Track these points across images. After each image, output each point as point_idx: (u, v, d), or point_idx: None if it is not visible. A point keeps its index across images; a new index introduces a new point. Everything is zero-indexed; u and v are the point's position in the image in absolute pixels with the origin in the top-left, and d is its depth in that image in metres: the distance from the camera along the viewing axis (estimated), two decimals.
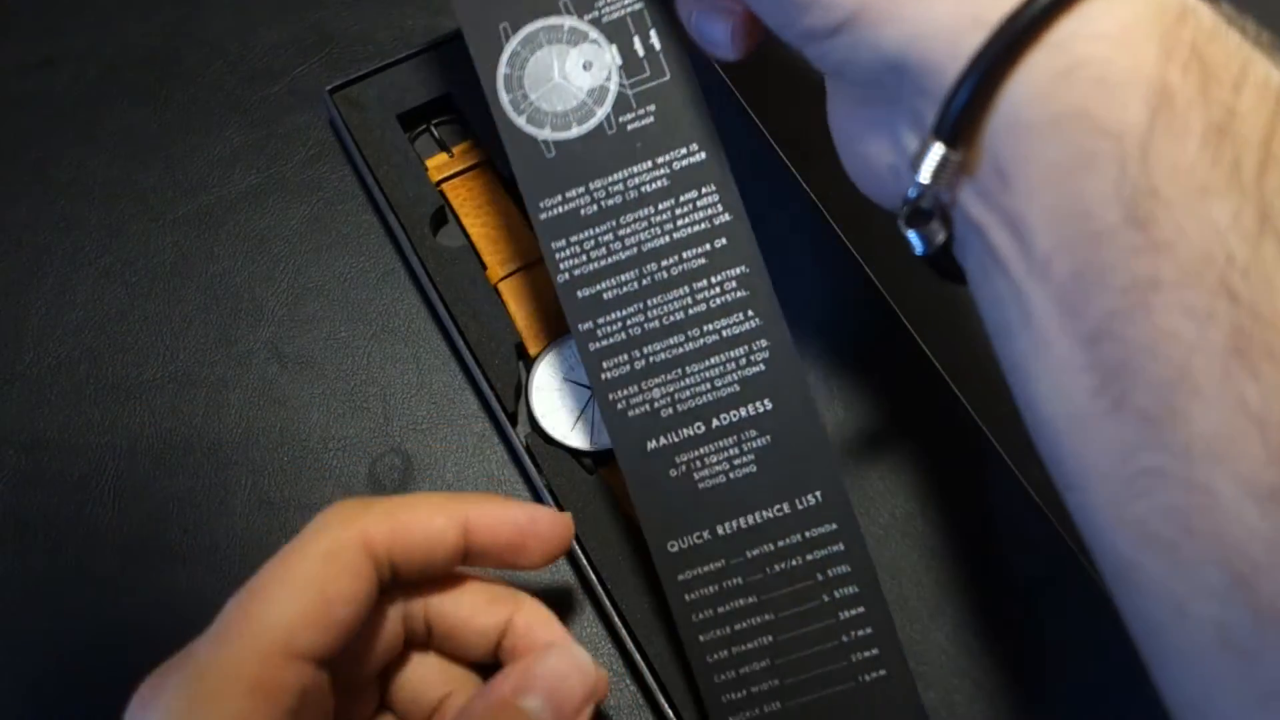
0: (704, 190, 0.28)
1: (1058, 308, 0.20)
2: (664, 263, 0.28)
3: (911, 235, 0.23)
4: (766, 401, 0.28)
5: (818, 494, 0.28)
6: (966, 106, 0.20)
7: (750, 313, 0.28)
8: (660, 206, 0.28)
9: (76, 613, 0.34)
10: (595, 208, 0.29)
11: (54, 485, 0.36)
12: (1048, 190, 0.20)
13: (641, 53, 0.29)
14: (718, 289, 0.28)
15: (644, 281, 0.29)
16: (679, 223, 0.28)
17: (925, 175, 0.22)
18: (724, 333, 0.28)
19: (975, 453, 0.33)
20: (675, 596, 0.29)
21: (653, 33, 0.28)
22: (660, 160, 0.28)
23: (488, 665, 0.29)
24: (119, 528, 0.35)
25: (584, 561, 0.32)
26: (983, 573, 0.32)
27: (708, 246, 0.28)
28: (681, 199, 0.28)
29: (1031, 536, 0.32)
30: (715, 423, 0.29)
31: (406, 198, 0.38)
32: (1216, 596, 0.19)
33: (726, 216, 0.28)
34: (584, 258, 0.29)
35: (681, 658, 0.32)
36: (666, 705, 0.31)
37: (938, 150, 0.21)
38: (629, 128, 0.28)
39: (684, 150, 0.28)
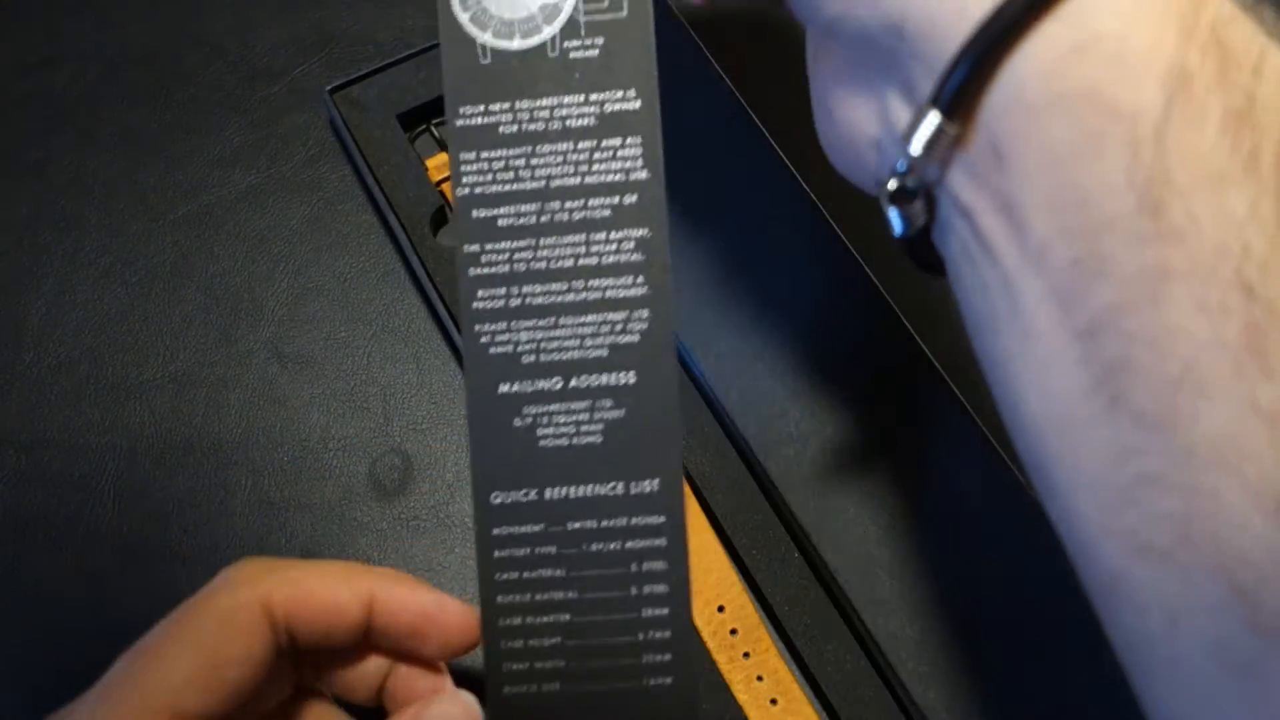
0: (628, 140, 0.27)
1: (1052, 298, 0.19)
2: (569, 204, 0.27)
3: (893, 213, 0.22)
4: (631, 375, 0.27)
5: (655, 482, 0.27)
6: (969, 76, 0.19)
7: (640, 279, 0.27)
8: (581, 145, 0.27)
9: (76, 613, 0.34)
10: (516, 128, 0.27)
11: (54, 485, 0.36)
12: (1049, 173, 0.19)
13: None
14: (614, 246, 0.27)
15: (543, 218, 0.27)
16: (595, 167, 0.27)
17: (917, 147, 0.20)
18: (608, 292, 0.27)
19: (974, 452, 0.33)
20: (483, 550, 0.28)
21: None
22: (594, 97, 0.27)
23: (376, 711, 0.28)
24: (119, 528, 0.35)
25: None
26: (984, 571, 0.32)
27: (617, 199, 0.27)
28: (604, 143, 0.27)
29: (1034, 536, 0.32)
30: (574, 382, 0.27)
31: (406, 198, 0.38)
32: (1214, 611, 0.18)
33: (644, 174, 0.27)
34: (490, 177, 0.27)
35: None
36: None
37: (933, 120, 0.20)
38: (571, 55, 0.27)
39: (620, 93, 0.27)
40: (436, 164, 0.39)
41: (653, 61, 0.27)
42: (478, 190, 0.27)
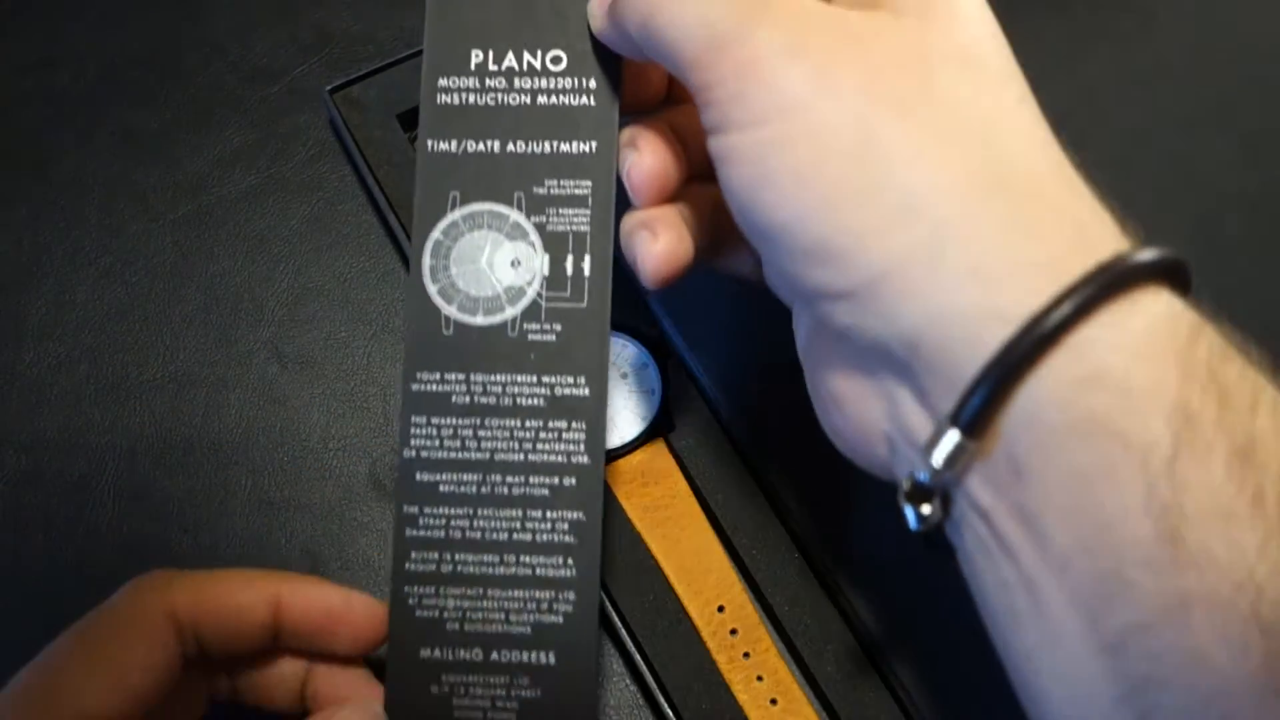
0: (574, 424, 0.28)
1: (1077, 609, 0.19)
2: (510, 479, 0.28)
3: (908, 510, 0.22)
4: (551, 656, 0.27)
5: None
6: (987, 400, 0.20)
7: (570, 561, 0.28)
8: (528, 423, 0.28)
9: (76, 612, 0.34)
10: (468, 399, 0.28)
11: (54, 485, 0.36)
12: (1067, 493, 0.19)
13: (570, 271, 0.28)
14: (549, 525, 0.28)
15: (483, 489, 0.28)
16: (539, 446, 0.28)
17: (938, 460, 0.20)
18: (538, 570, 0.28)
19: None
20: None
21: (588, 258, 0.28)
22: (546, 379, 0.28)
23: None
24: (119, 528, 0.35)
25: None
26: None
27: (556, 480, 0.28)
28: (550, 424, 0.28)
29: None
30: (494, 656, 0.27)
31: (406, 198, 0.38)
32: None
33: (585, 459, 0.28)
34: (437, 443, 0.28)
35: (682, 656, 0.32)
36: (666, 705, 0.31)
37: (953, 437, 0.20)
38: (530, 337, 0.28)
39: (571, 379, 0.28)
40: None
41: (607, 353, 0.28)
42: (424, 454, 0.28)
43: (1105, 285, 0.19)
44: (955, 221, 0.20)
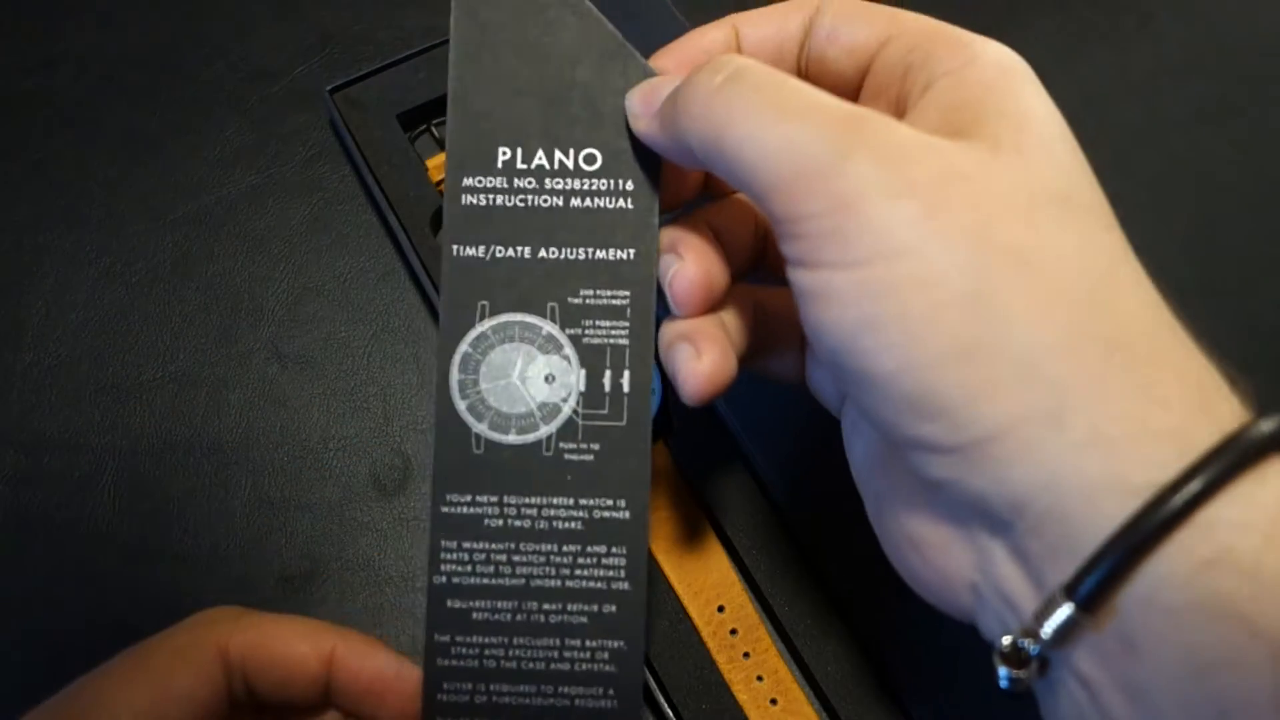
0: (614, 550, 0.26)
1: None
2: (546, 606, 0.26)
3: (1002, 671, 0.21)
4: None
5: None
6: (1107, 577, 0.19)
7: (611, 692, 0.26)
8: (565, 548, 0.26)
9: (76, 613, 0.34)
10: (501, 523, 0.26)
11: (54, 485, 0.36)
12: (1185, 675, 0.18)
13: (608, 388, 0.26)
14: (588, 655, 0.26)
15: (519, 617, 0.26)
16: (577, 572, 0.26)
17: (1049, 633, 0.19)
18: (577, 701, 0.26)
19: None
20: None
21: (627, 373, 0.26)
22: (584, 502, 0.26)
23: None
24: (119, 528, 0.35)
25: None
26: None
27: (595, 608, 0.26)
28: (589, 549, 0.26)
29: None
30: None
31: (406, 198, 0.38)
32: None
33: (625, 585, 0.26)
34: (470, 569, 0.26)
35: (682, 656, 0.32)
36: (666, 705, 0.31)
37: (1066, 611, 0.19)
38: (566, 457, 0.26)
39: (610, 502, 0.26)
40: (436, 164, 0.39)
41: (647, 473, 0.26)
42: (455, 580, 0.26)
43: (1235, 460, 0.18)
44: (1075, 383, 0.19)
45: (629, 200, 0.26)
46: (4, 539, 0.35)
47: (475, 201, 0.27)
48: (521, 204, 0.27)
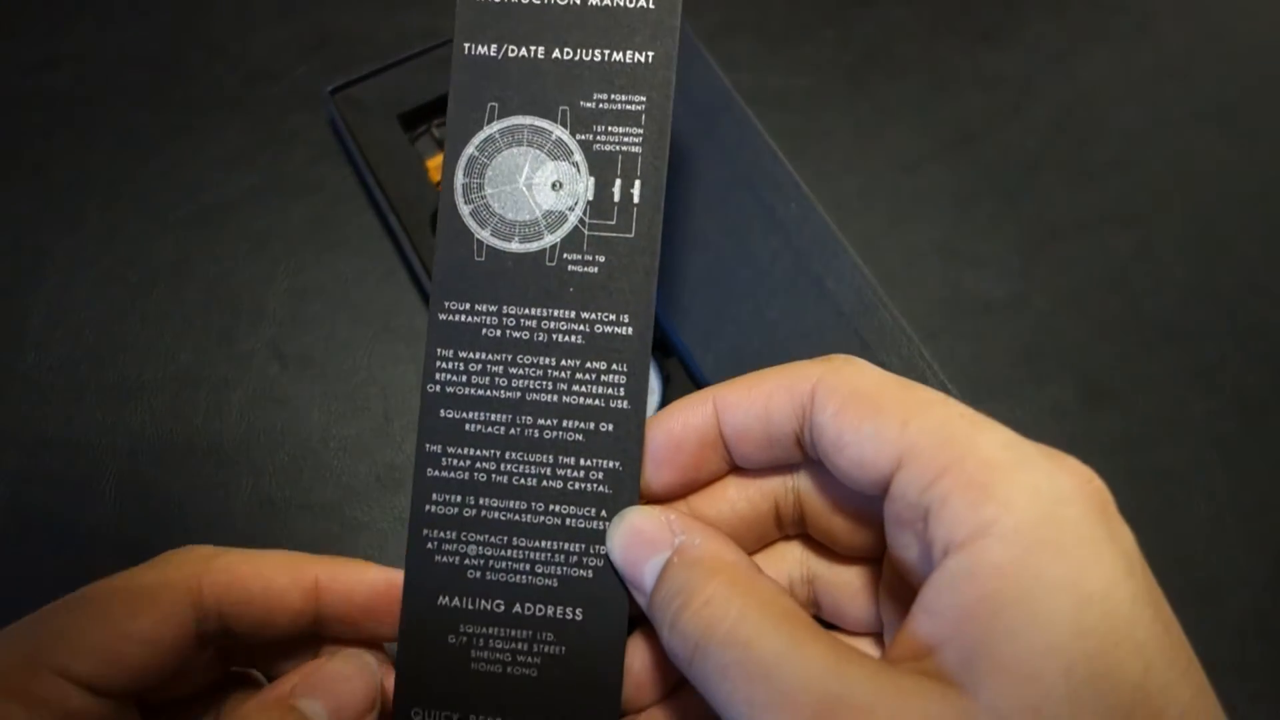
0: (614, 366, 0.26)
1: None
2: (541, 421, 0.26)
3: None
4: (579, 612, 0.25)
5: None
6: None
7: (604, 513, 0.25)
8: (564, 362, 0.26)
9: None
10: (499, 333, 0.26)
11: (54, 485, 0.36)
12: None
13: (617, 198, 0.26)
14: (582, 474, 0.26)
15: (513, 431, 0.26)
16: (574, 388, 0.26)
17: None
18: (568, 521, 0.26)
19: None
20: None
21: (638, 183, 0.26)
22: (585, 315, 0.26)
23: None
24: (119, 528, 0.35)
25: None
26: None
27: (591, 426, 0.25)
28: (588, 365, 0.26)
29: None
30: (517, 609, 0.26)
31: (406, 198, 0.38)
32: None
33: (624, 404, 0.25)
34: (464, 379, 0.26)
35: None
36: None
37: None
38: (569, 268, 0.26)
39: (613, 316, 0.25)
40: (436, 164, 0.39)
41: (653, 290, 0.26)
42: (449, 390, 0.26)
43: None
44: None
45: (650, 0, 0.25)
46: (4, 539, 0.35)
47: None
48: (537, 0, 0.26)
